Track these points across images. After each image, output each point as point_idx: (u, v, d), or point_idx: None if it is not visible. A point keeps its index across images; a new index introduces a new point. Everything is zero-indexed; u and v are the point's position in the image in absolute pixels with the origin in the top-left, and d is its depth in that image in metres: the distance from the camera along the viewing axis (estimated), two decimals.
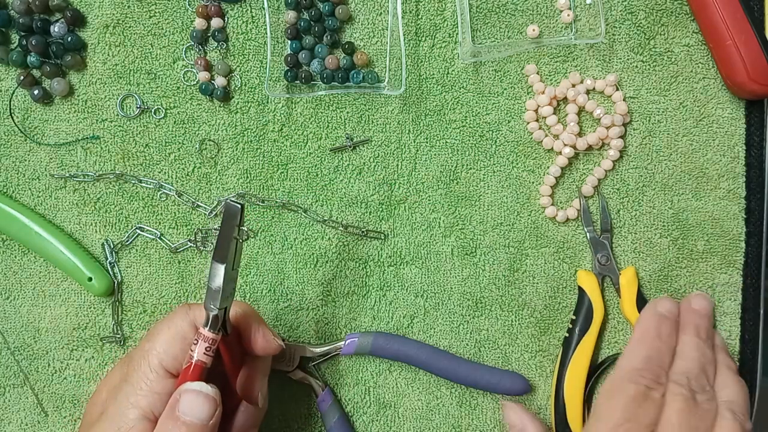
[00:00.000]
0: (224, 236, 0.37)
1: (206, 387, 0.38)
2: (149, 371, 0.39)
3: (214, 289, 0.38)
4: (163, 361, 0.39)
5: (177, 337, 0.40)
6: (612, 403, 0.43)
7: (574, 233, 0.53)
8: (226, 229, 0.37)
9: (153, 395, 0.38)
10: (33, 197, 0.52)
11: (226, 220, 0.37)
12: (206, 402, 0.37)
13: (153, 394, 0.38)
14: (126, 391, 0.39)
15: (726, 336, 0.53)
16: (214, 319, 0.38)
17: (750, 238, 0.52)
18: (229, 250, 0.37)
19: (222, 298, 0.38)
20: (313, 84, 0.52)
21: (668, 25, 0.52)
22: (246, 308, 0.43)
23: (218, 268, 0.37)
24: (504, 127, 0.52)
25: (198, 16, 0.51)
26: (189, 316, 0.40)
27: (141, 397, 0.38)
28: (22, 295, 0.53)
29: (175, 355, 0.39)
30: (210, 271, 0.38)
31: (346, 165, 0.52)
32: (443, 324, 0.53)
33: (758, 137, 0.52)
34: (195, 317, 0.41)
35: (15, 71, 0.52)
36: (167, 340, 0.40)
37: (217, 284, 0.38)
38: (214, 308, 0.38)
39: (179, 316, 0.41)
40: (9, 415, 0.53)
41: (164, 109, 0.52)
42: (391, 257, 0.53)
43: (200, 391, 0.37)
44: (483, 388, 0.52)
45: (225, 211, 0.37)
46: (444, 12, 0.52)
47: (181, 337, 0.40)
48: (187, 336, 0.40)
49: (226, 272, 0.38)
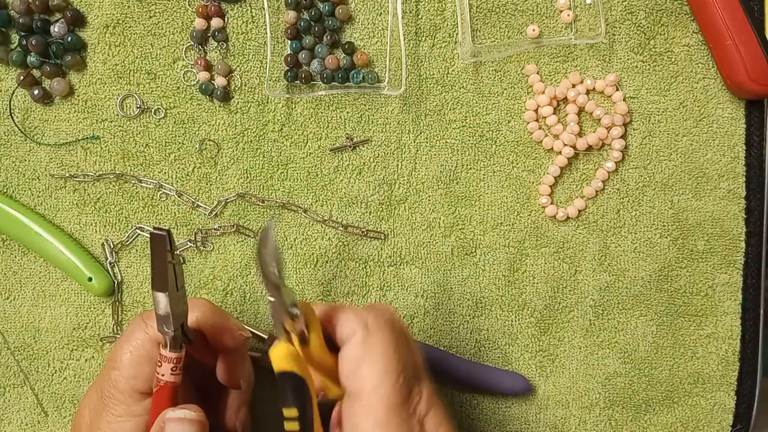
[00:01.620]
0: (158, 265, 0.37)
1: (189, 413, 0.38)
2: (123, 398, 0.39)
3: (162, 315, 0.37)
4: (135, 386, 0.39)
5: (142, 360, 0.39)
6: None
7: (574, 233, 0.53)
8: (159, 258, 0.37)
9: (134, 419, 0.39)
10: (33, 197, 0.52)
11: (155, 249, 0.37)
12: (192, 426, 0.37)
13: (134, 418, 0.39)
14: (107, 419, 0.39)
15: (726, 336, 0.53)
16: (172, 341, 0.38)
17: (750, 238, 0.52)
18: (168, 276, 0.37)
19: (174, 320, 0.37)
20: (313, 84, 0.52)
21: (668, 25, 0.52)
22: (204, 309, 0.42)
23: (160, 297, 0.37)
24: (504, 127, 0.52)
25: (198, 16, 0.51)
26: (148, 333, 0.40)
27: (123, 422, 0.39)
28: (22, 295, 0.53)
29: (145, 377, 0.39)
30: (154, 300, 0.37)
31: (346, 165, 0.52)
32: (443, 324, 0.53)
33: (758, 137, 0.52)
34: (155, 332, 0.39)
35: (15, 71, 0.52)
36: (133, 365, 0.39)
37: (164, 311, 0.37)
38: (169, 331, 0.38)
39: (138, 336, 0.40)
40: (9, 415, 0.53)
41: (164, 109, 0.52)
42: (391, 257, 0.53)
43: (184, 418, 0.37)
44: (483, 388, 0.52)
45: (151, 241, 0.36)
46: (444, 12, 0.52)
47: (147, 358, 0.39)
48: (151, 355, 0.39)
49: (171, 297, 0.37)
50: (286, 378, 0.36)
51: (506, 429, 0.53)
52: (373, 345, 0.37)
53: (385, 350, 0.37)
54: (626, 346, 0.53)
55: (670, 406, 0.54)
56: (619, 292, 0.53)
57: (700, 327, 0.53)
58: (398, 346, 0.38)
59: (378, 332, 0.38)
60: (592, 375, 0.53)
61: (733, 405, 0.53)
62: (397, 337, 0.38)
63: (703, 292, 0.53)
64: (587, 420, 0.53)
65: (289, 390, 0.36)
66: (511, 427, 0.53)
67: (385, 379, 0.36)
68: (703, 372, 0.53)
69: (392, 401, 0.36)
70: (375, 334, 0.37)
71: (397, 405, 0.36)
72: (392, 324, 0.39)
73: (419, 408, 0.37)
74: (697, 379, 0.53)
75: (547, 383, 0.53)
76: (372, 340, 0.37)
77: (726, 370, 0.53)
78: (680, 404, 0.54)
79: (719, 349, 0.53)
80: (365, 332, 0.37)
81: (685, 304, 0.53)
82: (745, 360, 0.52)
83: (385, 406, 0.36)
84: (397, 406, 0.36)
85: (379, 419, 0.36)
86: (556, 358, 0.53)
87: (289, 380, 0.36)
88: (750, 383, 0.53)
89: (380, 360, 0.37)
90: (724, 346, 0.53)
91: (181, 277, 0.38)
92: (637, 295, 0.53)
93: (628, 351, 0.53)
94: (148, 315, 0.40)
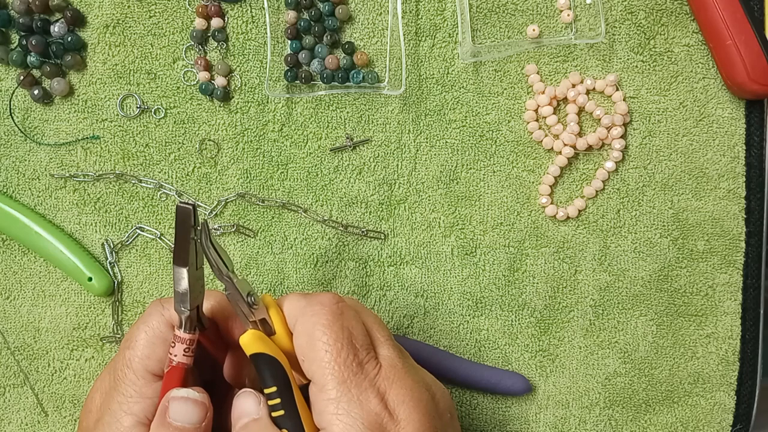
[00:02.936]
0: (181, 239, 0.37)
1: (193, 393, 0.38)
2: (136, 378, 0.39)
3: (181, 292, 0.37)
4: (148, 366, 0.39)
5: (157, 340, 0.39)
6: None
7: (574, 233, 0.53)
8: (182, 232, 0.37)
9: (145, 400, 0.39)
10: (33, 197, 0.52)
11: (180, 223, 0.37)
12: (195, 406, 0.37)
13: (144, 399, 0.39)
14: (118, 400, 0.39)
15: (726, 336, 0.53)
16: (187, 321, 0.38)
17: (750, 238, 0.52)
18: (189, 251, 0.37)
19: (191, 299, 0.38)
20: (313, 84, 0.52)
21: (668, 25, 0.52)
22: (220, 299, 0.43)
23: (181, 272, 0.37)
24: (504, 127, 0.52)
25: (198, 16, 0.51)
26: (164, 315, 0.40)
27: (133, 403, 0.39)
28: (22, 295, 0.53)
29: (158, 358, 0.39)
30: (174, 275, 0.37)
31: (346, 165, 0.52)
32: (443, 324, 0.53)
33: (758, 137, 0.52)
34: (171, 315, 0.40)
35: (15, 71, 0.52)
36: (147, 345, 0.39)
37: (183, 287, 0.37)
38: (185, 310, 0.38)
39: (155, 317, 0.40)
40: (9, 415, 0.53)
41: (164, 109, 0.52)
42: (391, 257, 0.53)
43: (188, 397, 0.37)
44: (483, 388, 0.52)
45: (177, 215, 0.37)
46: (444, 12, 0.52)
47: (161, 339, 0.39)
48: (166, 337, 0.40)
49: (190, 274, 0.37)
50: (259, 359, 0.37)
51: (506, 429, 0.53)
52: (311, 328, 0.37)
53: (324, 329, 0.37)
54: (626, 346, 0.53)
55: (670, 406, 0.54)
56: (619, 292, 0.53)
57: (700, 327, 0.53)
58: (338, 318, 0.37)
59: (312, 310, 0.37)
60: (592, 375, 0.53)
61: (733, 405, 0.53)
62: (337, 311, 0.38)
63: (703, 292, 0.53)
64: (587, 420, 0.53)
65: (265, 369, 0.36)
66: (511, 427, 0.53)
67: (327, 356, 0.36)
68: (703, 372, 0.53)
69: (339, 376, 0.35)
70: (311, 319, 0.37)
71: (346, 379, 0.35)
72: (330, 299, 0.39)
73: (378, 382, 0.36)
74: (697, 379, 0.53)
75: (547, 383, 0.53)
76: (308, 326, 0.37)
77: (726, 370, 0.53)
78: (680, 404, 0.54)
79: (719, 349, 0.53)
80: (303, 320, 0.38)
81: (685, 304, 0.53)
82: (745, 360, 0.52)
83: (333, 381, 0.35)
84: (345, 380, 0.35)
85: (331, 396, 0.35)
86: (556, 358, 0.53)
87: (261, 360, 0.37)
88: (750, 383, 0.53)
89: (319, 341, 0.36)
90: (724, 346, 0.53)
91: (201, 256, 0.38)
92: (637, 295, 0.53)
93: (628, 351, 0.53)
94: (167, 300, 0.41)
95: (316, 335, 0.37)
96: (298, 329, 0.38)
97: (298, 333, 0.38)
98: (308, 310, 0.38)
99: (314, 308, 0.38)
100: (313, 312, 0.38)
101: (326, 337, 0.36)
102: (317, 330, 0.37)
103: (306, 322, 0.37)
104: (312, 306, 0.38)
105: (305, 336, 0.37)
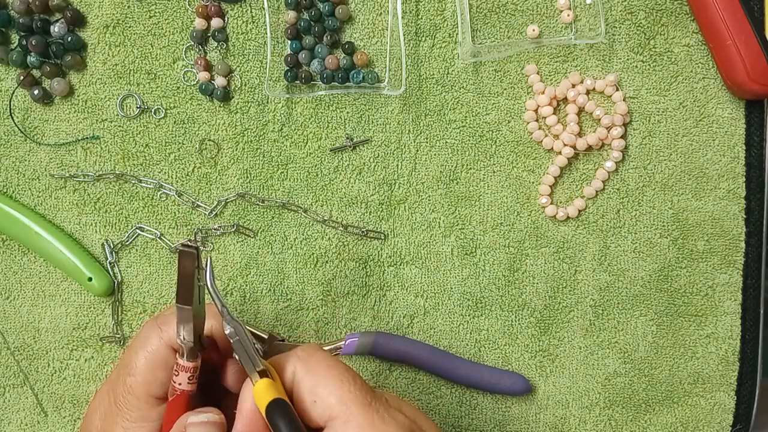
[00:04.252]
0: (185, 280, 0.36)
1: (211, 416, 0.37)
2: (139, 404, 0.39)
3: (184, 327, 0.37)
4: (151, 391, 0.39)
5: (158, 365, 0.39)
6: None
7: (574, 233, 0.53)
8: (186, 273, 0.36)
9: (149, 424, 0.39)
10: (33, 197, 0.52)
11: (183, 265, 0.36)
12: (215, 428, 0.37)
13: (149, 423, 0.39)
14: (122, 425, 0.39)
15: (726, 336, 0.53)
16: (190, 351, 0.38)
17: (750, 238, 0.52)
18: (193, 291, 0.37)
19: (195, 331, 0.37)
20: (313, 84, 0.52)
21: (668, 25, 0.52)
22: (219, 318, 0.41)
23: (185, 311, 0.37)
24: (504, 127, 0.52)
25: (198, 16, 0.51)
26: (163, 338, 0.39)
27: (137, 427, 0.39)
28: (22, 295, 0.53)
29: (161, 382, 0.39)
30: (177, 313, 0.37)
31: (346, 165, 0.52)
32: (443, 324, 0.53)
33: (758, 137, 0.52)
34: (170, 337, 0.39)
35: (15, 71, 0.52)
36: (149, 370, 0.39)
37: (186, 323, 0.37)
38: (188, 342, 0.37)
39: (153, 341, 0.39)
40: (9, 415, 0.53)
41: (164, 109, 0.52)
42: (391, 257, 0.53)
43: (207, 421, 0.37)
44: (483, 388, 0.52)
45: (180, 257, 0.36)
46: (444, 12, 0.52)
47: (162, 363, 0.39)
48: (167, 359, 0.39)
49: (194, 309, 0.37)
50: (275, 406, 0.35)
51: (506, 429, 0.53)
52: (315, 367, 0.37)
53: (328, 364, 0.37)
54: (626, 346, 0.53)
55: (670, 406, 0.54)
56: (619, 292, 0.53)
57: (700, 327, 0.53)
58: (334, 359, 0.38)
59: (311, 357, 0.37)
60: (592, 375, 0.53)
61: (733, 405, 0.53)
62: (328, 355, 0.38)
63: (703, 292, 0.53)
64: (587, 420, 0.53)
65: (283, 416, 0.35)
66: (511, 427, 0.53)
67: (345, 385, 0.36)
68: (703, 372, 0.53)
69: (363, 399, 0.35)
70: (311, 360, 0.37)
71: (371, 402, 0.36)
72: (318, 348, 0.39)
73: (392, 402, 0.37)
74: (697, 379, 0.53)
75: (547, 383, 0.53)
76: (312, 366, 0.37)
77: (726, 370, 0.53)
78: (680, 404, 0.54)
79: (719, 349, 0.53)
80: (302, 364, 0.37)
81: (685, 304, 0.53)
82: (745, 360, 0.52)
83: (358, 406, 0.35)
84: (370, 402, 0.36)
85: (362, 423, 0.35)
86: (556, 358, 0.53)
87: (277, 407, 0.35)
88: (750, 383, 0.53)
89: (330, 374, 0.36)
90: (724, 346, 0.53)
91: (203, 291, 0.38)
92: (637, 295, 0.53)
93: (628, 351, 0.53)
94: (162, 320, 0.40)
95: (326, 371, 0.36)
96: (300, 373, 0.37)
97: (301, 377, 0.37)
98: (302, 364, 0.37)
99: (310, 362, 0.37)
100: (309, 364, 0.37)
101: (335, 371, 0.36)
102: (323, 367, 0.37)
103: (305, 373, 0.37)
104: (304, 361, 0.37)
105: (312, 376, 0.37)
